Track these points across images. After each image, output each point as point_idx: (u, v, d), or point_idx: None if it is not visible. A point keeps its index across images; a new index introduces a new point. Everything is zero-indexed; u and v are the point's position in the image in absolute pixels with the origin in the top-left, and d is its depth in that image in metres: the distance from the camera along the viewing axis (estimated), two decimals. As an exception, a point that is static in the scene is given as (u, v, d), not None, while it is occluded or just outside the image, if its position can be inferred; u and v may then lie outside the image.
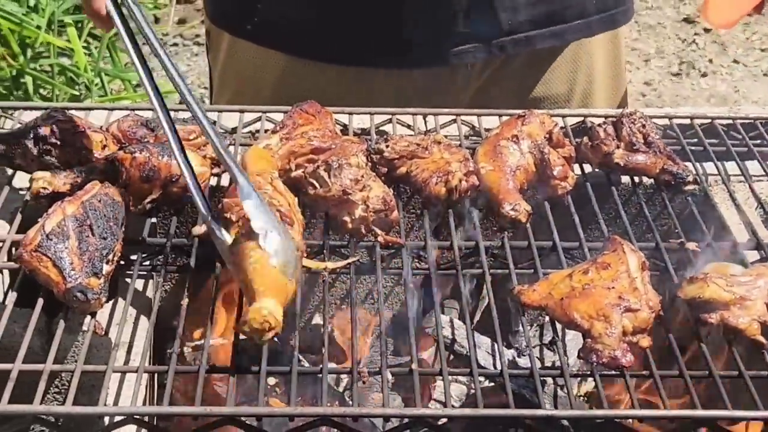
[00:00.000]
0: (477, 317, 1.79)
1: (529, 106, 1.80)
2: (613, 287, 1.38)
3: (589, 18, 2.01)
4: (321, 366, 1.31)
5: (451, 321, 1.71)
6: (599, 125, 1.72)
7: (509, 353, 1.72)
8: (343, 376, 1.71)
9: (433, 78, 1.97)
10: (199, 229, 1.52)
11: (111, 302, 1.52)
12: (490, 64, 2.00)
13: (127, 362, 1.45)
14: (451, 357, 1.69)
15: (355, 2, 1.90)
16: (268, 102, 1.91)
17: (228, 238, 1.37)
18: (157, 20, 5.15)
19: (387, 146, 1.65)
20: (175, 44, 5.09)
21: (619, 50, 2.16)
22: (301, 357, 1.63)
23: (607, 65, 2.12)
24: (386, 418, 1.46)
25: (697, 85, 5.03)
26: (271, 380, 1.68)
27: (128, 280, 1.46)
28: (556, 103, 2.06)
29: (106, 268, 1.41)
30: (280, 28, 1.98)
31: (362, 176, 1.57)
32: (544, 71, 2.05)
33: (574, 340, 1.71)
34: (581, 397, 1.81)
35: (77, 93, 3.81)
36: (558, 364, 1.74)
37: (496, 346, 1.71)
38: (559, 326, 1.40)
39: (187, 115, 1.79)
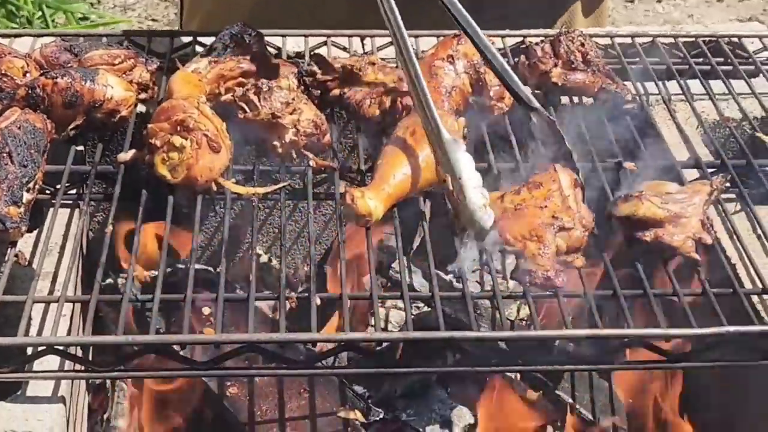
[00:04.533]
0: (417, 242, 1.76)
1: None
2: (545, 206, 1.36)
3: None
4: (248, 294, 1.28)
5: (389, 246, 1.68)
6: (536, 44, 1.68)
7: (448, 278, 1.69)
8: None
9: None
10: (125, 156, 1.48)
11: (37, 232, 1.48)
12: None
13: (51, 292, 1.41)
14: (389, 283, 1.66)
15: None
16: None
17: None
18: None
19: (319, 68, 1.61)
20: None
21: None
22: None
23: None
24: (315, 343, 1.44)
25: (652, 11, 4.98)
26: (207, 310, 1.65)
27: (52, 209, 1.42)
28: None
29: (27, 197, 1.37)
30: None
31: (293, 99, 1.53)
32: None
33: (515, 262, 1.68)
34: (523, 321, 1.78)
35: (17, 26, 3.70)
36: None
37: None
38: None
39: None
